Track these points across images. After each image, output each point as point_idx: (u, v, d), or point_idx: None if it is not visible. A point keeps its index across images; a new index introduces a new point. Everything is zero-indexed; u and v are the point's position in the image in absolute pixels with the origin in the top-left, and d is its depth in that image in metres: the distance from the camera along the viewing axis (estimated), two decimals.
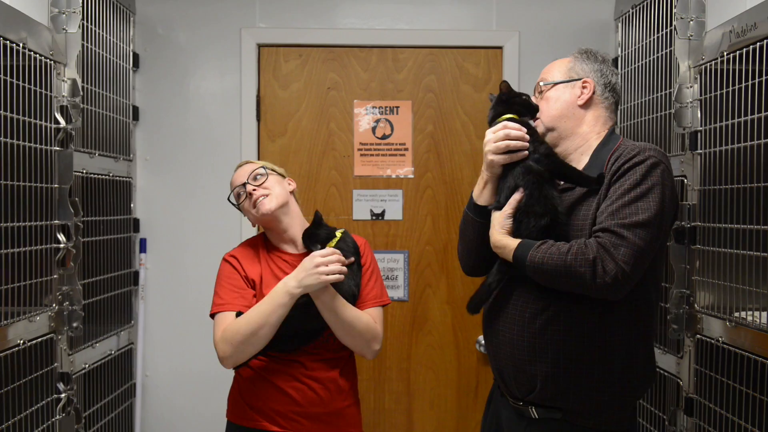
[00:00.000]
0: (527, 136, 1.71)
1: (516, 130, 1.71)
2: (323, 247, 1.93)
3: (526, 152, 1.71)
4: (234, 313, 1.91)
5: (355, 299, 1.98)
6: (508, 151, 1.71)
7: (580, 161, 1.78)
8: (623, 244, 1.55)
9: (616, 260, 1.54)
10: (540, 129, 1.82)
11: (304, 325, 1.91)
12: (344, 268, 1.88)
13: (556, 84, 1.83)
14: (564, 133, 1.81)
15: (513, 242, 1.68)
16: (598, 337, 1.65)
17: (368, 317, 1.99)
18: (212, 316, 1.97)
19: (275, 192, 2.01)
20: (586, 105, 1.80)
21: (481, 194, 1.81)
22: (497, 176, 1.77)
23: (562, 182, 1.77)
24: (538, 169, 1.70)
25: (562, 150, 1.82)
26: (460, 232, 1.93)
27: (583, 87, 1.81)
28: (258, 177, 2.03)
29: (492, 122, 1.81)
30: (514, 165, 1.72)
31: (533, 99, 1.87)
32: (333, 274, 1.83)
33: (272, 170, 2.09)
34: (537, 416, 1.70)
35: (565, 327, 1.65)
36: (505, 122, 1.74)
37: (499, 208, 1.74)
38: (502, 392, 1.83)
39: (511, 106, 1.80)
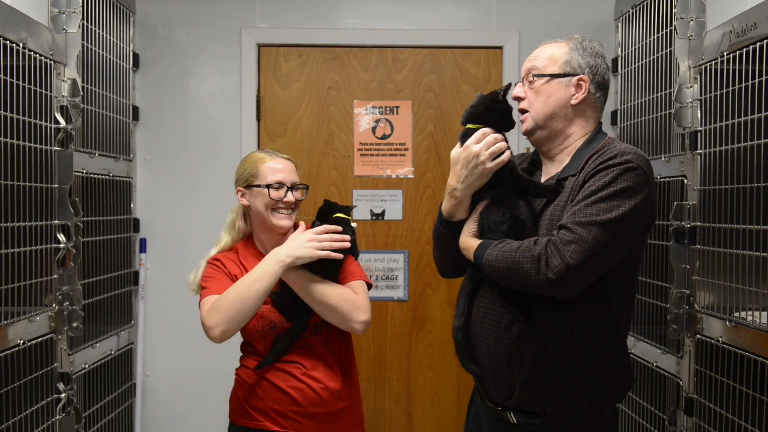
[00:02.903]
0: (504, 142, 1.69)
1: (494, 134, 1.68)
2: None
3: (509, 152, 1.67)
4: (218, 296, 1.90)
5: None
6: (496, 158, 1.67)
7: (563, 162, 1.72)
8: (574, 240, 1.50)
9: (563, 256, 1.50)
10: (528, 125, 1.73)
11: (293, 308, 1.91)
12: (338, 244, 1.88)
13: (551, 78, 1.70)
14: (553, 133, 1.72)
15: (475, 243, 1.67)
16: (575, 343, 1.61)
17: (347, 289, 1.92)
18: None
19: (298, 207, 2.03)
20: (579, 105, 1.70)
21: (456, 212, 1.74)
22: (475, 190, 1.70)
23: None
24: (506, 182, 1.69)
25: (547, 149, 1.75)
26: (434, 243, 1.88)
27: (578, 85, 1.69)
28: (296, 189, 2.00)
29: (464, 123, 1.75)
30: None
31: (519, 86, 1.75)
32: (325, 249, 1.86)
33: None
34: (516, 421, 1.67)
35: (542, 334, 1.61)
36: (483, 130, 1.68)
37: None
38: (481, 396, 1.81)
39: (491, 113, 1.72)
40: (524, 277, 1.55)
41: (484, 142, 1.66)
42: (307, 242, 1.87)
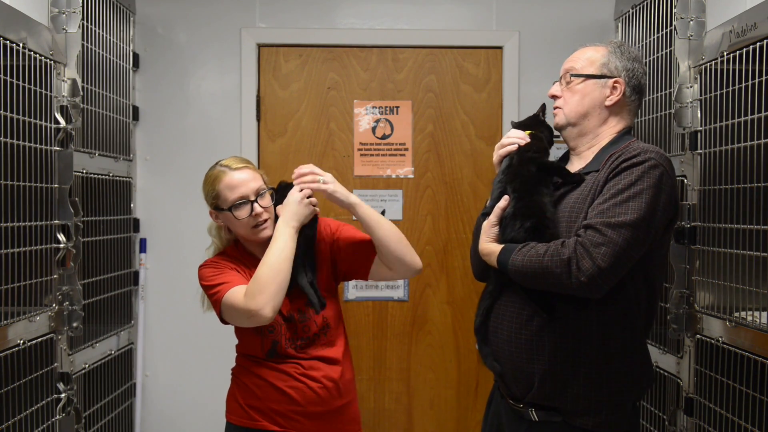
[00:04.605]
0: (521, 141, 1.80)
1: (511, 136, 1.82)
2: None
3: (516, 146, 1.79)
4: (244, 287, 1.86)
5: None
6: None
7: (588, 159, 1.78)
8: (604, 242, 1.54)
9: (593, 259, 1.53)
10: (560, 120, 1.80)
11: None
12: (313, 185, 1.95)
13: (587, 78, 1.77)
14: (584, 131, 1.78)
15: (497, 248, 1.70)
16: (594, 337, 1.65)
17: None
18: (218, 313, 1.92)
19: (272, 216, 1.97)
20: (613, 106, 1.76)
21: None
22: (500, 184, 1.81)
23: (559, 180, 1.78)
24: (525, 163, 1.75)
25: (575, 145, 1.81)
26: (474, 236, 1.92)
27: (614, 87, 1.76)
28: (262, 194, 1.94)
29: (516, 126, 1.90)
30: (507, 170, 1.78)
31: (557, 85, 1.83)
32: (310, 198, 1.95)
33: (265, 182, 2.00)
34: (537, 419, 1.70)
35: (562, 327, 1.65)
36: (508, 133, 1.83)
37: (488, 214, 1.79)
38: (502, 394, 1.82)
39: (544, 131, 1.87)
40: (555, 281, 1.58)
41: (499, 143, 1.84)
42: (300, 202, 1.92)
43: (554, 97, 1.83)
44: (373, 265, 2.00)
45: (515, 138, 1.80)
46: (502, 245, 1.70)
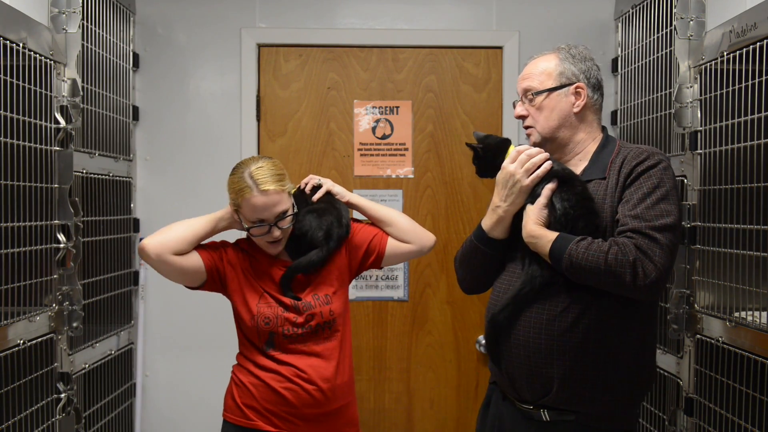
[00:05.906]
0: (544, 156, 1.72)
1: (529, 150, 1.72)
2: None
3: (550, 162, 1.69)
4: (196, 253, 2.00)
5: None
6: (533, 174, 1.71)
7: (578, 167, 1.77)
8: (658, 246, 1.56)
9: (654, 262, 1.55)
10: (536, 139, 1.79)
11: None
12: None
13: (549, 92, 1.77)
14: (562, 143, 1.79)
15: (551, 234, 1.64)
16: (613, 339, 1.65)
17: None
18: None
19: (287, 235, 1.99)
20: (581, 111, 1.77)
21: (496, 229, 1.77)
22: (518, 208, 1.73)
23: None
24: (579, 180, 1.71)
25: (558, 157, 1.80)
26: (463, 259, 1.88)
27: (577, 93, 1.76)
28: (283, 218, 1.92)
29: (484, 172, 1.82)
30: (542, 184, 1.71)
31: (519, 105, 1.82)
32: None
33: (290, 195, 1.98)
34: (549, 419, 1.69)
35: (584, 330, 1.64)
36: (518, 148, 1.73)
37: (480, 237, 1.79)
38: (504, 396, 1.81)
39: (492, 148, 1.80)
40: (616, 281, 1.56)
41: (518, 161, 1.71)
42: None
43: (521, 117, 1.81)
44: (388, 243, 2.09)
45: (539, 157, 1.69)
46: (557, 233, 1.63)
